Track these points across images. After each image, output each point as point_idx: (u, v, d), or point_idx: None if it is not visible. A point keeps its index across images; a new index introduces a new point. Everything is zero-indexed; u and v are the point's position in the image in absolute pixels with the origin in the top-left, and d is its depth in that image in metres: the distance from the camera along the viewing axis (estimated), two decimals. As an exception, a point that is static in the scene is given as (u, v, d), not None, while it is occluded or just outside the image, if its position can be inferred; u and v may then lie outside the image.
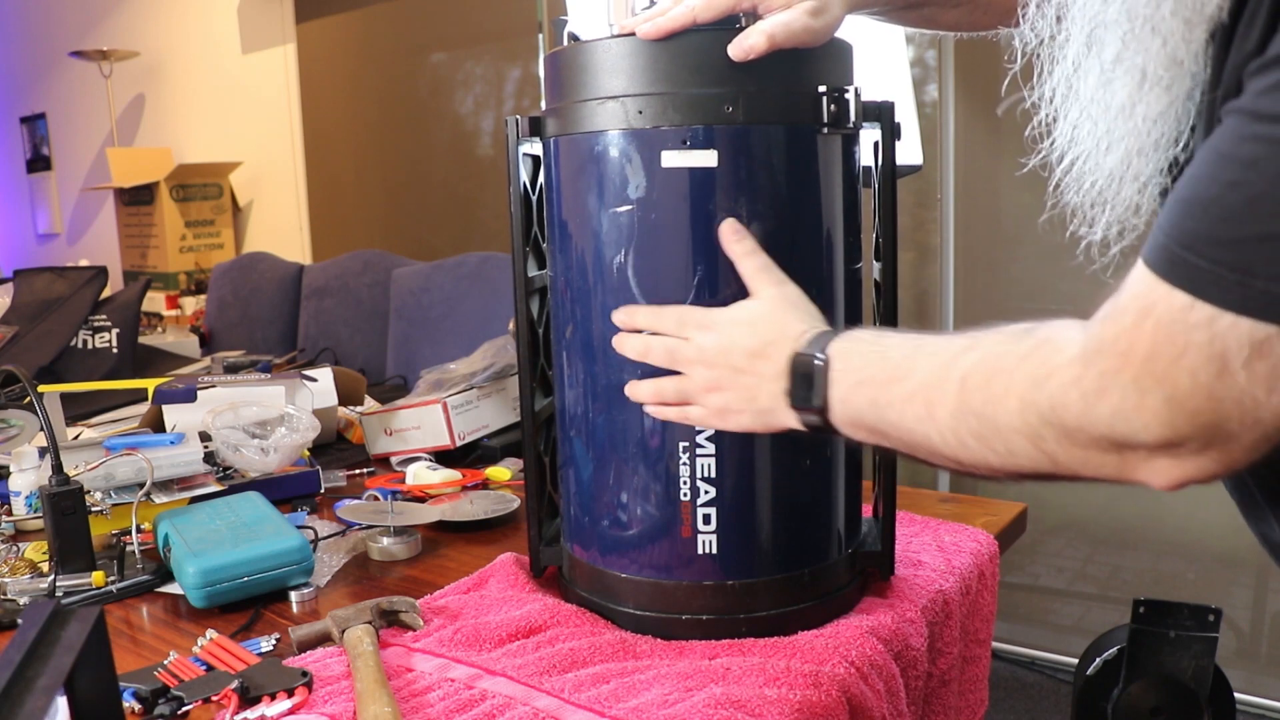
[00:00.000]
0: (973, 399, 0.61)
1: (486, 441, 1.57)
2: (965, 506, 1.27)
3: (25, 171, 5.30)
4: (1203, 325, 0.50)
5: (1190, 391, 0.51)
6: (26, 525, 1.29)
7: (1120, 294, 0.55)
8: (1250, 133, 0.50)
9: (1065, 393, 0.56)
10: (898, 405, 0.67)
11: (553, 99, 0.92)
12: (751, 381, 0.78)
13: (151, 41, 4.30)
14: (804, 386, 0.74)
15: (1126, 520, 2.35)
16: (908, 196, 2.44)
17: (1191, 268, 0.51)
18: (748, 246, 0.83)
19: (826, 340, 0.74)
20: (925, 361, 0.66)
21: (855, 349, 0.72)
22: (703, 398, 0.81)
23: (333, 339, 2.77)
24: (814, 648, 0.86)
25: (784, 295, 0.81)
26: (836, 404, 0.72)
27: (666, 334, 0.83)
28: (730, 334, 0.79)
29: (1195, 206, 0.52)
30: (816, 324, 0.78)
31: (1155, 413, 0.53)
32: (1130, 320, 0.53)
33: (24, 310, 2.63)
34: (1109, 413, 0.55)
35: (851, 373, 0.71)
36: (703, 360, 0.80)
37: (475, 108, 3.29)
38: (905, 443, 0.69)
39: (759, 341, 0.78)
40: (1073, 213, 0.65)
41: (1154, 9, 0.56)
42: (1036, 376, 0.58)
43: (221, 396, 1.48)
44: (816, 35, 0.83)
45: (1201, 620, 1.48)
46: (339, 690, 0.83)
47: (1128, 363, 0.53)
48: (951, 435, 0.64)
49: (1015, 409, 0.59)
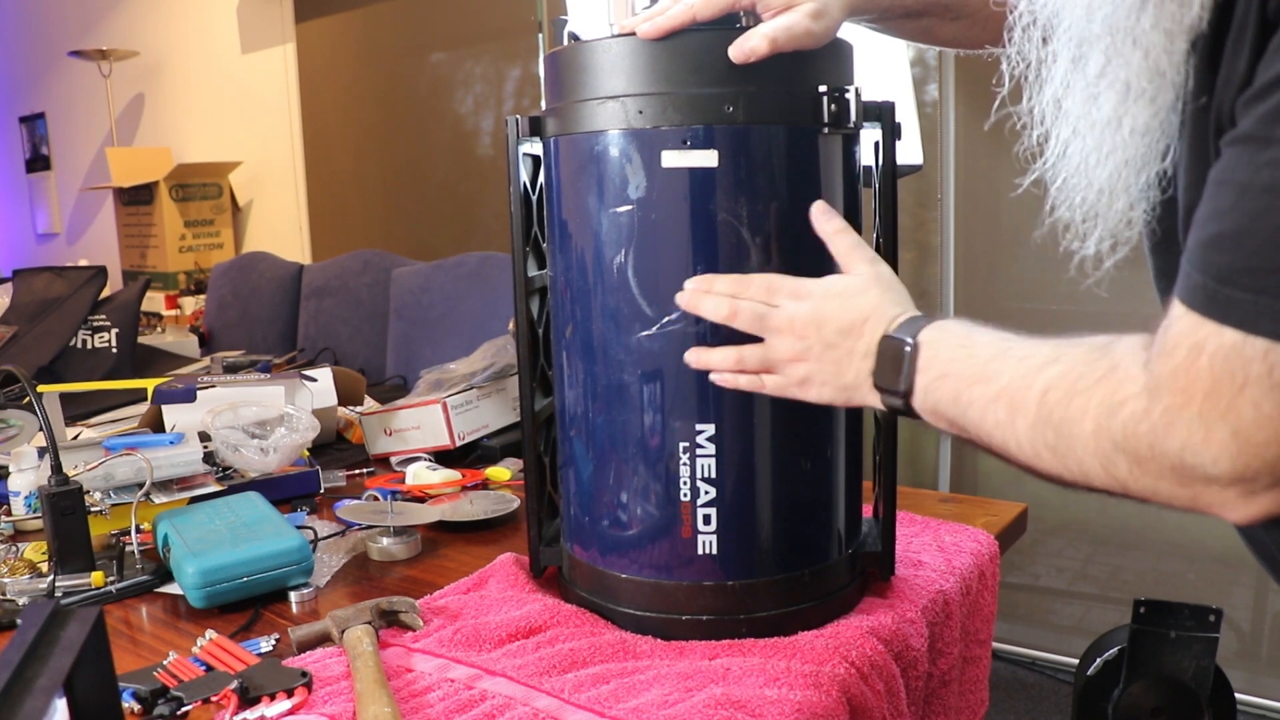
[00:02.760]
0: (1052, 415, 0.61)
1: (486, 441, 1.57)
2: (966, 507, 1.27)
3: (24, 171, 5.30)
4: (1258, 358, 0.50)
5: (1257, 423, 0.51)
6: (26, 525, 1.29)
7: (1166, 330, 0.55)
8: (1264, 159, 0.50)
9: (1136, 424, 0.56)
10: (979, 406, 0.67)
11: (553, 99, 0.92)
12: (840, 356, 0.77)
13: (151, 41, 4.30)
14: (891, 369, 0.74)
15: (1127, 520, 2.35)
16: (908, 196, 2.44)
17: (1235, 303, 0.51)
18: (837, 225, 0.83)
19: (918, 326, 0.74)
20: (1011, 367, 0.66)
21: (945, 339, 0.72)
22: (786, 367, 0.80)
23: (332, 339, 2.77)
24: (814, 648, 0.86)
25: (878, 274, 0.80)
26: (919, 392, 0.72)
27: (753, 299, 0.81)
28: (824, 306, 0.78)
29: (1225, 240, 0.51)
30: (909, 307, 0.78)
31: (1224, 445, 0.53)
32: (1183, 357, 0.53)
33: (23, 310, 2.63)
34: (1178, 446, 0.54)
35: (938, 364, 0.71)
36: (793, 329, 0.79)
37: (475, 107, 3.29)
38: (983, 442, 0.69)
39: (852, 317, 0.77)
40: (1066, 227, 0.65)
41: (1134, 22, 0.56)
42: (1111, 404, 0.58)
43: (221, 396, 1.48)
44: (817, 38, 0.83)
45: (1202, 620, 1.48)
46: (339, 690, 0.83)
47: (1190, 399, 0.53)
48: (1029, 445, 0.64)
49: (1090, 431, 0.59)
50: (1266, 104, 0.50)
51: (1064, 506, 2.43)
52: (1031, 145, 0.66)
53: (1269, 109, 0.50)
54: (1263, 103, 0.50)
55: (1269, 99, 0.50)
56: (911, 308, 0.78)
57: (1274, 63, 0.50)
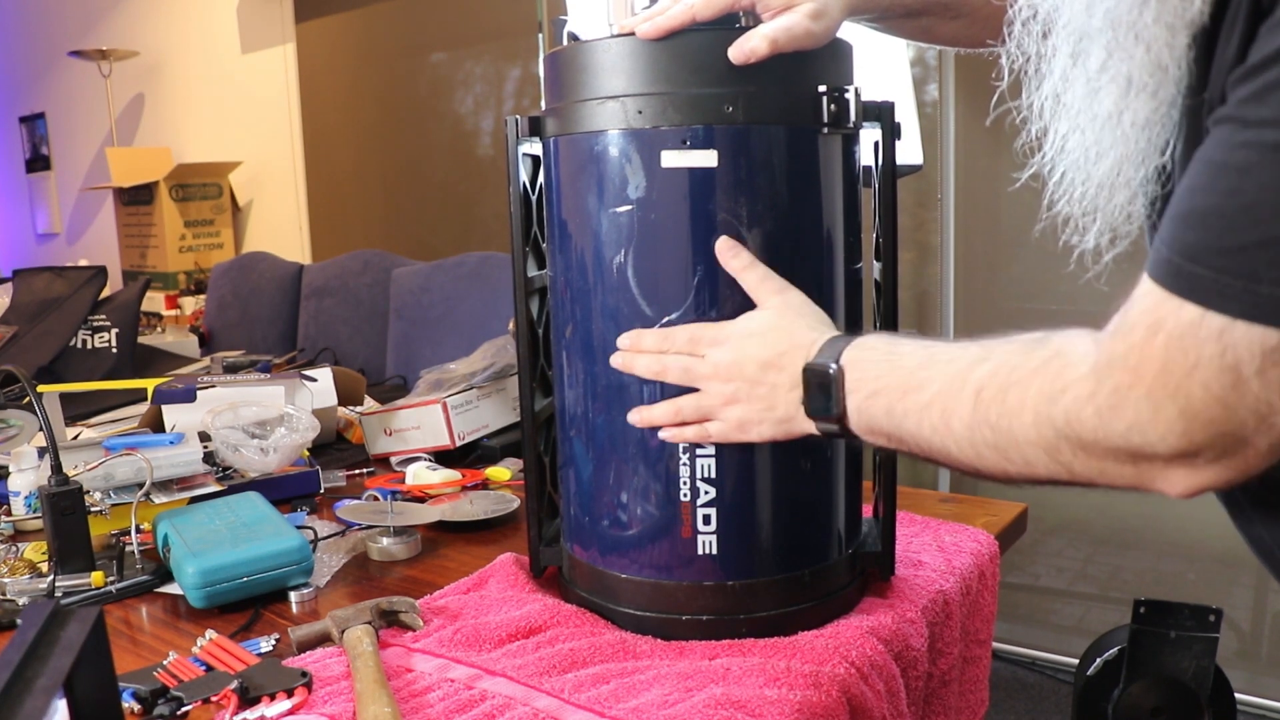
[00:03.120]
0: (988, 412, 0.62)
1: (486, 441, 1.57)
2: (965, 506, 1.27)
3: (24, 171, 5.30)
4: (1213, 337, 0.50)
5: (1205, 403, 0.52)
6: (26, 525, 1.29)
7: (1128, 309, 0.55)
8: (1240, 139, 0.50)
9: (1080, 408, 0.57)
10: (914, 416, 0.68)
11: (552, 99, 0.92)
12: (766, 392, 0.79)
13: (151, 41, 4.30)
14: (820, 397, 0.75)
15: (1127, 520, 2.35)
16: (908, 196, 2.44)
17: (1198, 279, 0.51)
18: (744, 260, 0.83)
19: (838, 348, 0.74)
20: (939, 371, 0.67)
21: (868, 357, 0.73)
22: (721, 412, 0.82)
23: (332, 339, 2.77)
24: (814, 648, 0.86)
25: (788, 303, 0.82)
26: (853, 413, 0.73)
27: (679, 353, 0.83)
28: (741, 346, 0.80)
29: (1195, 218, 0.52)
30: (825, 330, 0.79)
31: (1171, 425, 0.53)
32: (1140, 335, 0.54)
33: (23, 310, 2.63)
34: (1124, 427, 0.55)
35: (866, 382, 0.72)
36: (718, 375, 0.81)
37: (475, 107, 3.29)
38: (923, 450, 0.69)
39: (770, 352, 0.79)
40: (1066, 221, 0.65)
41: (1136, 15, 0.56)
42: (1050, 392, 0.58)
43: (221, 396, 1.48)
44: (817, 39, 0.83)
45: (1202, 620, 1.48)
46: (338, 690, 0.83)
47: (1140, 378, 0.54)
48: (968, 446, 0.64)
49: (1030, 422, 0.60)
50: (1249, 86, 0.50)
51: (1064, 506, 2.43)
52: (1030, 140, 0.66)
53: (1251, 91, 0.50)
54: (1246, 84, 0.50)
55: (1252, 81, 0.50)
56: (828, 329, 0.79)
57: (1262, 46, 0.50)
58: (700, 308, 0.85)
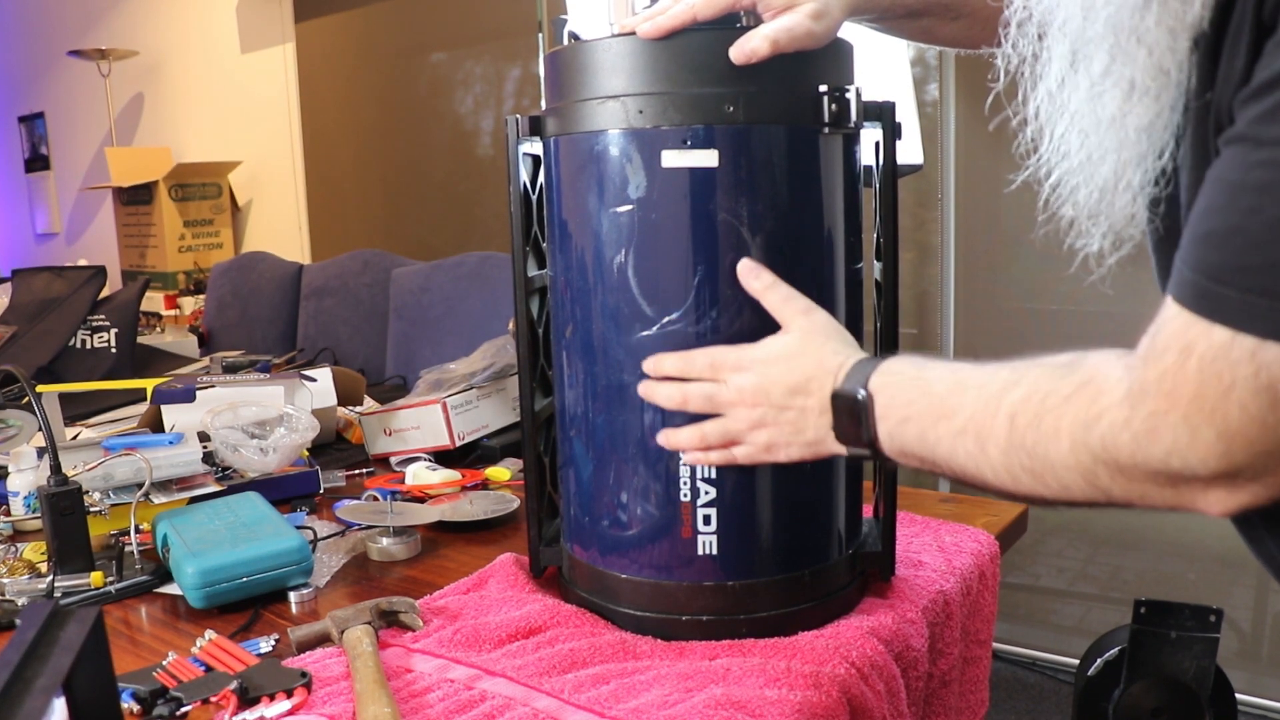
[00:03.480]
0: (1024, 438, 0.62)
1: (486, 441, 1.57)
2: (966, 507, 1.27)
3: (24, 171, 5.29)
4: (1246, 359, 0.50)
5: (1242, 424, 0.51)
6: (25, 526, 1.29)
7: (1156, 332, 0.55)
8: (1256, 159, 0.50)
9: (1116, 434, 0.56)
10: (947, 442, 0.67)
11: (553, 98, 0.92)
12: (794, 416, 0.78)
13: (150, 41, 4.29)
14: (850, 423, 0.74)
15: (1127, 521, 2.35)
16: (908, 196, 2.44)
17: (1225, 300, 0.51)
18: (767, 280, 0.83)
19: (865, 372, 0.74)
20: (971, 397, 0.66)
21: (897, 382, 0.72)
22: (748, 436, 0.81)
23: (332, 339, 2.77)
24: (814, 648, 0.86)
25: (813, 325, 0.81)
26: (885, 439, 0.73)
27: (699, 379, 0.83)
28: (766, 372, 0.80)
29: (1216, 238, 0.52)
30: (851, 352, 0.78)
31: (1210, 448, 0.53)
32: (1172, 360, 0.53)
33: (22, 310, 2.63)
34: (1163, 452, 0.55)
35: (897, 409, 0.71)
36: (743, 400, 0.80)
37: (475, 107, 3.29)
38: (956, 474, 0.69)
39: (798, 377, 0.78)
40: (1069, 225, 0.65)
41: (1138, 20, 0.56)
42: (1085, 418, 0.58)
43: (220, 396, 1.48)
44: (818, 39, 0.83)
45: (1202, 621, 1.48)
46: (338, 691, 0.83)
47: (1175, 403, 0.53)
48: (1004, 471, 0.64)
49: (1067, 449, 0.59)
50: (1261, 105, 0.50)
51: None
52: (1027, 142, 0.66)
53: (1263, 110, 0.50)
54: (1258, 103, 0.51)
55: (1263, 100, 0.50)
56: (855, 351, 0.79)
57: (1269, 64, 0.50)
58: (700, 308, 0.85)
